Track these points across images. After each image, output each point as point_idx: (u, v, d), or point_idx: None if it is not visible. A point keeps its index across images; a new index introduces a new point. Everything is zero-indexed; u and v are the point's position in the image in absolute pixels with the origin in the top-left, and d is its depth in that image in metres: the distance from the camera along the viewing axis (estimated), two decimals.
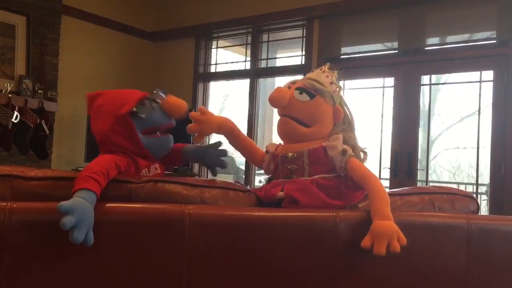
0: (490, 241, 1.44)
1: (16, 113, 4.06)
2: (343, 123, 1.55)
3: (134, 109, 1.44)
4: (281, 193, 1.45)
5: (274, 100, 1.51)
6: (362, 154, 1.52)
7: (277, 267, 1.28)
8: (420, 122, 4.15)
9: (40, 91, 4.32)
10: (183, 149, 1.65)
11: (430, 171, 4.39)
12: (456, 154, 8.16)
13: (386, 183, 4.24)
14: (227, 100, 8.41)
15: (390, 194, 1.51)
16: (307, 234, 1.31)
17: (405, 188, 1.63)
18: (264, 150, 1.65)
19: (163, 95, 1.52)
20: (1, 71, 4.24)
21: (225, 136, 1.67)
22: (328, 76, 1.54)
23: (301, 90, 1.51)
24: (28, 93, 4.27)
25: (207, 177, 5.17)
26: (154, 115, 1.48)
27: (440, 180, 8.22)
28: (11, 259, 1.13)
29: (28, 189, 1.23)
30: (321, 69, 1.58)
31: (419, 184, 4.33)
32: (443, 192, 1.58)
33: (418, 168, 4.14)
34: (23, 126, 4.14)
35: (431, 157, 8.59)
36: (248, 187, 1.51)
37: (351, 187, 1.47)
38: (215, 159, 1.63)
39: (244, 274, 1.26)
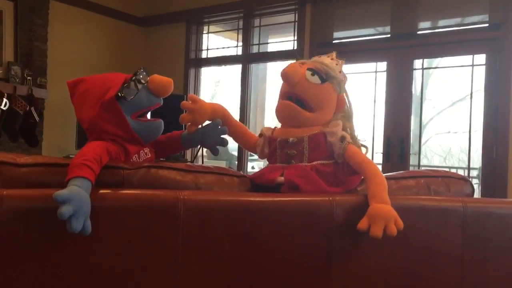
0: (485, 224, 1.44)
1: (5, 100, 4.01)
2: (342, 112, 1.54)
3: (120, 93, 1.39)
4: (281, 178, 1.44)
5: (286, 75, 1.47)
6: (362, 148, 1.50)
7: (273, 252, 1.27)
8: (412, 106, 4.15)
9: (29, 77, 4.26)
10: (181, 135, 1.61)
11: (421, 156, 4.39)
12: (447, 138, 8.21)
13: (379, 168, 4.24)
14: (218, 86, 8.37)
15: (386, 178, 1.50)
16: (303, 218, 1.30)
17: (401, 172, 1.62)
18: (257, 134, 1.62)
19: (147, 75, 1.47)
20: None
21: None
22: (337, 64, 1.53)
23: (314, 71, 1.49)
24: (17, 80, 4.21)
25: (202, 163, 5.11)
26: (141, 96, 1.44)
27: (431, 164, 8.25)
28: (3, 248, 1.10)
29: (19, 176, 1.20)
30: (329, 56, 1.56)
31: (411, 169, 4.34)
32: (439, 176, 1.58)
33: (411, 152, 4.15)
34: (13, 114, 4.09)
35: (422, 142, 8.63)
36: (241, 173, 1.49)
37: (347, 173, 1.47)
38: (215, 138, 1.58)
39: (240, 259, 1.25)
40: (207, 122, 1.58)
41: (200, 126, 1.56)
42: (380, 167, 4.22)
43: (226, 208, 1.26)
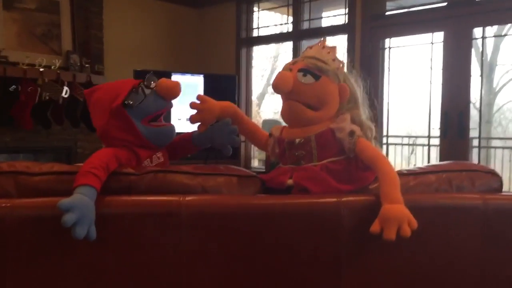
0: (508, 221, 1.36)
1: (65, 88, 4.20)
2: (348, 101, 1.49)
3: (126, 100, 1.42)
4: (290, 181, 1.42)
5: (277, 87, 1.44)
6: (368, 132, 1.45)
7: (280, 255, 1.27)
8: (482, 74, 3.91)
9: (87, 65, 4.43)
10: (192, 137, 1.62)
11: (495, 124, 4.14)
12: None
13: (436, 142, 4.10)
14: (277, 61, 8.33)
15: (405, 174, 1.45)
16: (309, 220, 1.28)
17: (424, 166, 1.55)
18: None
19: (154, 79, 1.49)
20: (49, 48, 4.37)
21: None
22: (329, 52, 1.47)
23: (305, 71, 1.44)
24: (76, 68, 4.39)
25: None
26: (149, 101, 1.45)
27: (505, 136, 7.81)
28: (14, 253, 1.18)
29: (33, 184, 1.27)
30: (320, 45, 1.50)
31: (474, 143, 4.14)
32: (463, 170, 1.49)
33: (482, 121, 3.92)
34: (73, 101, 4.28)
35: (494, 110, 8.15)
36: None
37: (361, 168, 1.42)
38: (225, 137, 1.57)
39: (245, 263, 1.26)
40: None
41: (209, 125, 1.56)
42: (437, 141, 4.07)
43: (229, 212, 1.27)
